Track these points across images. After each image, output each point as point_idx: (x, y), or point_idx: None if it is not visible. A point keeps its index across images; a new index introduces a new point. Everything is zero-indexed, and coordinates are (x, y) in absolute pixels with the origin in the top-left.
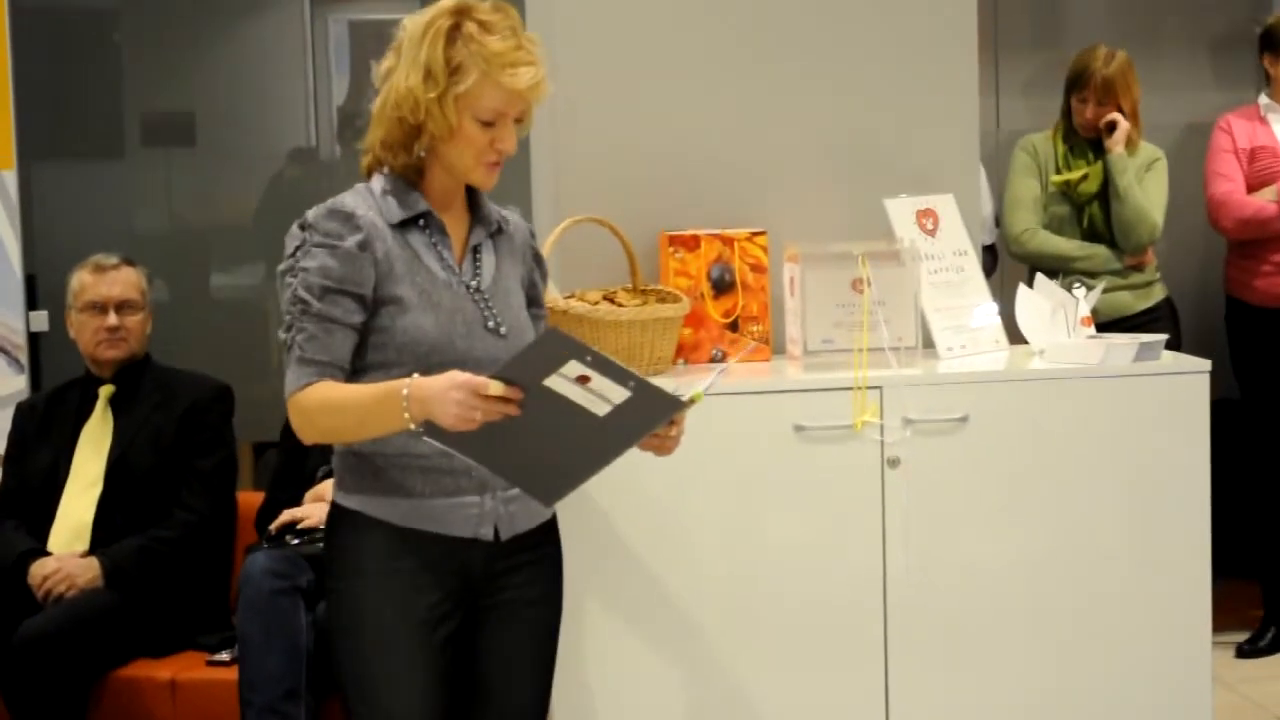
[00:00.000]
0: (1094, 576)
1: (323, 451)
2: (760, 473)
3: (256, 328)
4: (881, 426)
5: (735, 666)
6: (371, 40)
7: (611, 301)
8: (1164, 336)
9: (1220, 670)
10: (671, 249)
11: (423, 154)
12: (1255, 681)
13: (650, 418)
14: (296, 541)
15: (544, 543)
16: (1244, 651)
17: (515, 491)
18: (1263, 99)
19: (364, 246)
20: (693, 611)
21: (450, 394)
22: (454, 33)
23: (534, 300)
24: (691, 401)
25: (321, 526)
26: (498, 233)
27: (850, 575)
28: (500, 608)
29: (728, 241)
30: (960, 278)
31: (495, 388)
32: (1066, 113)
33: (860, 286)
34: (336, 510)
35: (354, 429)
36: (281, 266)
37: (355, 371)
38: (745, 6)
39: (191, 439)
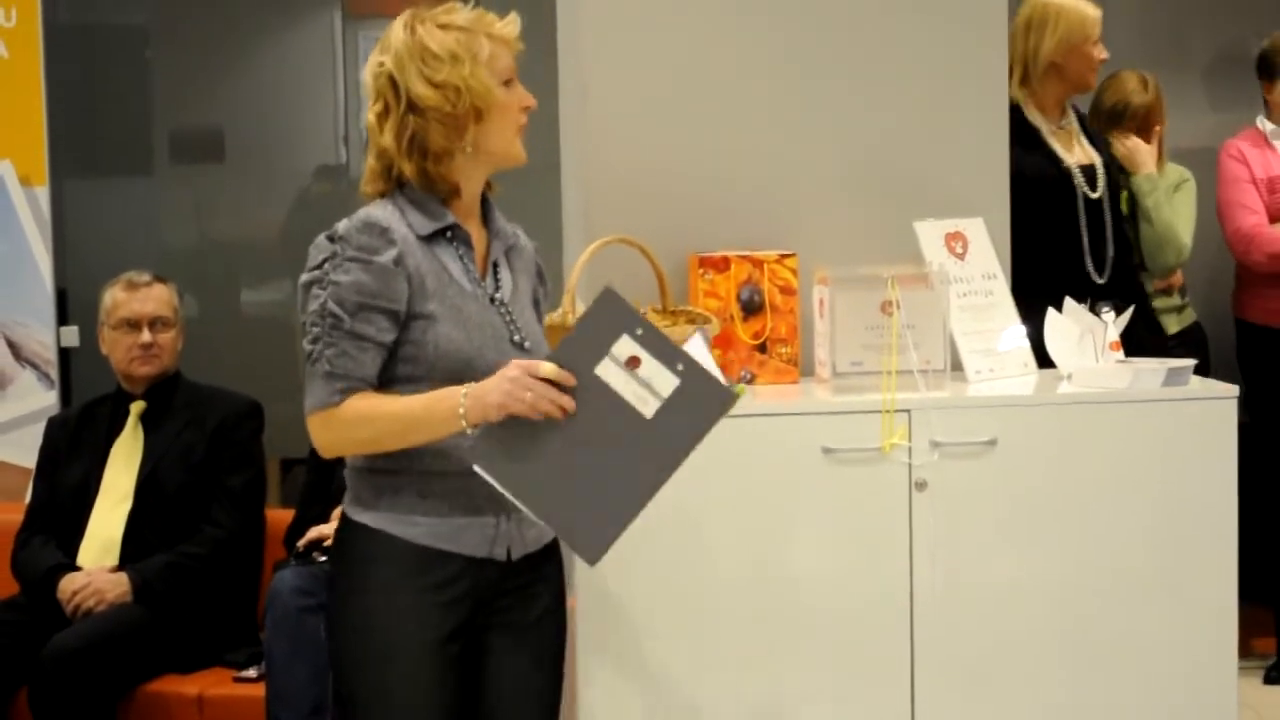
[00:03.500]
0: (1120, 601)
1: None
2: (788, 495)
3: (285, 344)
4: (910, 449)
5: (761, 688)
6: None
7: None
8: (1193, 361)
9: (1247, 696)
10: (701, 270)
11: (469, 149)
12: None
13: (699, 417)
14: (324, 559)
15: (544, 563)
16: (1272, 678)
17: None
18: (1266, 124)
19: (398, 261)
20: (719, 633)
21: (505, 373)
22: (431, 29)
23: (538, 317)
24: (738, 395)
25: None
26: (510, 247)
27: (877, 598)
28: (504, 628)
29: (757, 263)
30: (989, 301)
31: (548, 369)
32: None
33: (889, 309)
34: (349, 525)
35: (397, 436)
36: (306, 278)
37: (382, 384)
38: (775, 29)
39: (221, 456)
